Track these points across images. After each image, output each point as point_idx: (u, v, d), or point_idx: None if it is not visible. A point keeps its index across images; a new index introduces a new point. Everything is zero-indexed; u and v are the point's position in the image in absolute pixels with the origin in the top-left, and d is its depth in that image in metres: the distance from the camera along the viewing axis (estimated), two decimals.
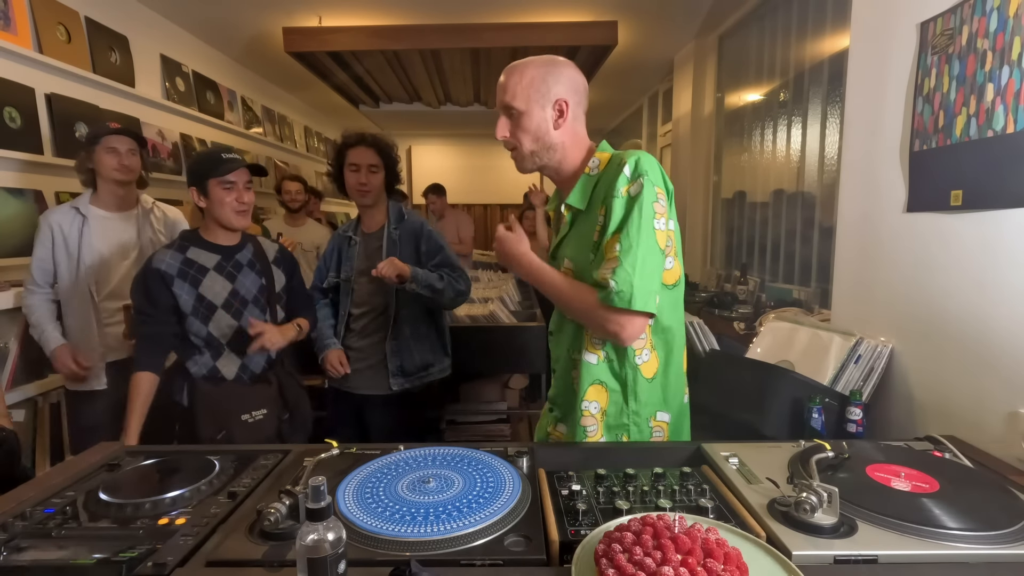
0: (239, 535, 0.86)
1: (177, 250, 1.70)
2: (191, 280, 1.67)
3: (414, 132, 8.38)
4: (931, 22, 1.44)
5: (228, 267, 1.73)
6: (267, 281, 1.78)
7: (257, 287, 1.76)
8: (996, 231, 1.27)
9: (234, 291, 1.72)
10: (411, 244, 2.06)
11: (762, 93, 3.52)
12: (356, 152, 2.01)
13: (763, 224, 3.41)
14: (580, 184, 1.20)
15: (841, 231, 1.82)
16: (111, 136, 2.03)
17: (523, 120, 1.17)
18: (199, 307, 1.67)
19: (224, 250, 1.74)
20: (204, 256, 1.71)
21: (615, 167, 1.14)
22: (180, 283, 1.66)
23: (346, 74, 4.48)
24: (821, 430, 1.47)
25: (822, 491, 0.84)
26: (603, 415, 1.21)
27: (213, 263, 1.71)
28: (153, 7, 3.50)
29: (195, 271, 1.68)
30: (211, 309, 1.69)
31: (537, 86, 1.16)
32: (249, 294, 1.74)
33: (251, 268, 1.77)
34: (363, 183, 2.00)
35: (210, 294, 1.69)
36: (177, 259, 1.68)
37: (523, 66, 1.18)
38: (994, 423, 1.26)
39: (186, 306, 1.66)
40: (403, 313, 2.04)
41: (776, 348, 1.84)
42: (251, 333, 1.66)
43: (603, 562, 0.69)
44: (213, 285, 1.69)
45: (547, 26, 3.71)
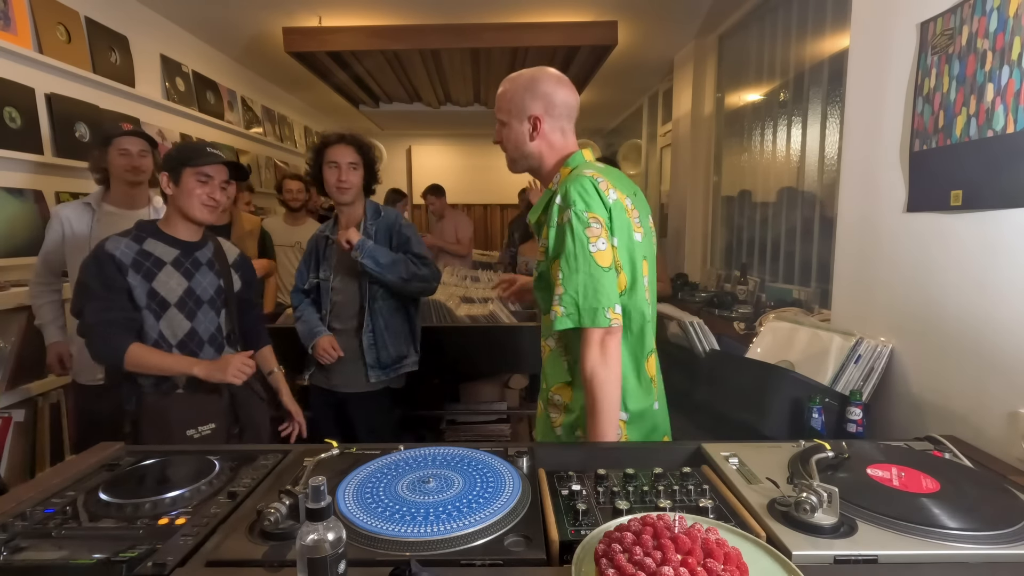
0: (239, 535, 0.86)
1: (133, 239, 1.57)
2: (145, 273, 1.55)
3: (414, 132, 8.38)
4: (931, 22, 1.44)
5: (186, 264, 1.62)
6: (225, 283, 1.69)
7: (215, 288, 1.65)
8: (996, 231, 1.27)
9: (189, 289, 1.60)
10: (386, 238, 2.11)
11: (762, 93, 3.52)
12: (335, 150, 2.03)
13: (763, 224, 3.41)
14: (541, 199, 1.30)
15: (841, 231, 1.82)
16: (123, 137, 2.07)
17: (505, 130, 1.31)
18: (151, 303, 1.55)
19: (184, 245, 1.62)
20: (161, 249, 1.59)
21: (564, 182, 1.22)
22: (133, 274, 1.53)
23: (346, 74, 4.48)
24: (821, 430, 1.47)
25: (822, 491, 0.84)
26: (564, 410, 1.31)
27: (171, 257, 1.60)
28: (153, 7, 3.50)
29: (151, 264, 1.56)
30: (163, 306, 1.57)
31: (516, 102, 1.28)
32: (205, 294, 1.63)
33: (210, 268, 1.66)
34: (343, 180, 2.02)
35: (164, 290, 1.57)
36: (132, 249, 1.55)
37: (509, 81, 1.31)
38: (994, 423, 1.26)
39: (140, 299, 1.54)
40: (376, 306, 2.08)
41: (776, 348, 1.84)
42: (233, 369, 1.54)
43: (603, 562, 0.69)
44: (168, 281, 1.57)
45: (547, 26, 3.71)
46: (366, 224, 2.11)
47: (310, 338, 2.10)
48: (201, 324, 1.62)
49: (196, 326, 1.61)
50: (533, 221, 1.31)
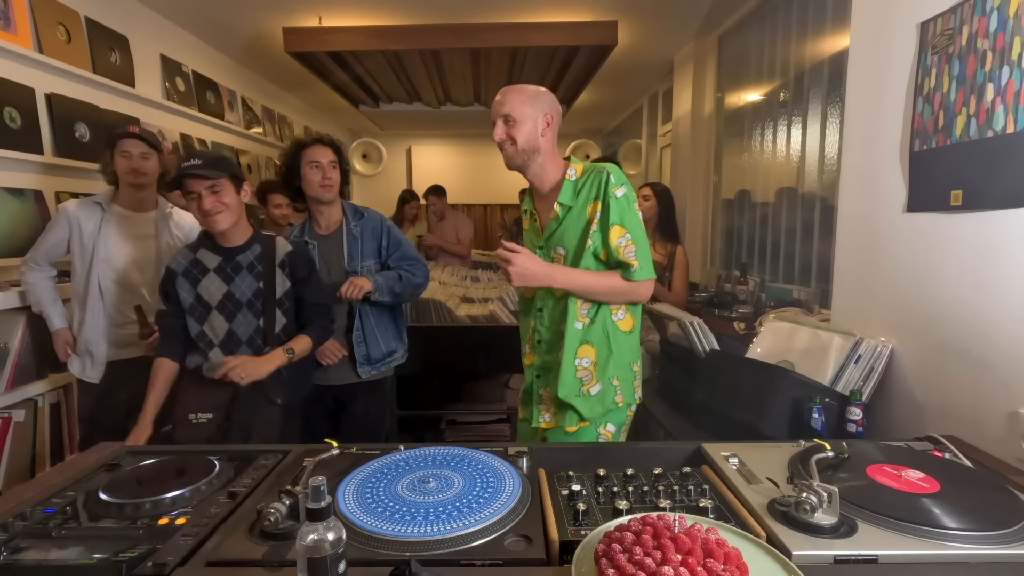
0: (239, 535, 0.86)
1: (190, 249, 1.78)
2: (192, 280, 1.74)
3: (414, 132, 8.38)
4: (931, 22, 1.44)
5: (227, 268, 1.75)
6: (265, 285, 1.76)
7: (252, 291, 1.75)
8: (996, 231, 1.27)
9: (229, 293, 1.74)
10: (372, 240, 2.13)
11: (762, 93, 3.52)
12: (315, 150, 2.05)
13: (763, 224, 3.41)
14: (567, 187, 1.51)
15: (841, 231, 1.82)
16: (125, 140, 2.07)
17: (518, 126, 1.47)
18: (196, 306, 1.74)
19: (226, 252, 1.76)
20: (208, 257, 1.76)
21: (595, 175, 1.48)
22: (182, 281, 1.74)
23: (346, 74, 4.48)
24: (821, 430, 1.47)
25: (822, 491, 0.84)
26: (594, 366, 1.50)
27: (214, 264, 1.75)
28: (153, 7, 3.50)
29: (198, 271, 1.75)
30: (207, 309, 1.74)
31: (533, 102, 1.48)
32: (244, 297, 1.75)
33: (250, 271, 1.76)
34: (327, 178, 2.04)
35: (206, 294, 1.74)
36: (187, 258, 1.76)
37: (521, 89, 1.50)
38: (994, 423, 1.26)
39: (185, 304, 1.74)
40: (364, 308, 2.11)
41: (776, 348, 1.84)
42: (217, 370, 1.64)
43: (603, 562, 0.69)
44: (209, 286, 1.74)
45: (547, 26, 3.70)
46: (349, 226, 2.12)
47: None
48: (240, 326, 1.74)
49: (235, 327, 1.74)
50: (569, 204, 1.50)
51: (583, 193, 1.50)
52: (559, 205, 1.51)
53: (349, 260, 2.10)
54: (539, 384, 1.59)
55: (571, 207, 1.51)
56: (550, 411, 1.57)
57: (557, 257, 1.54)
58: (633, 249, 1.46)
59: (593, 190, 1.48)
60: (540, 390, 1.59)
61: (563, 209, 1.51)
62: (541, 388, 1.59)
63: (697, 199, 4.40)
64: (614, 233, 1.46)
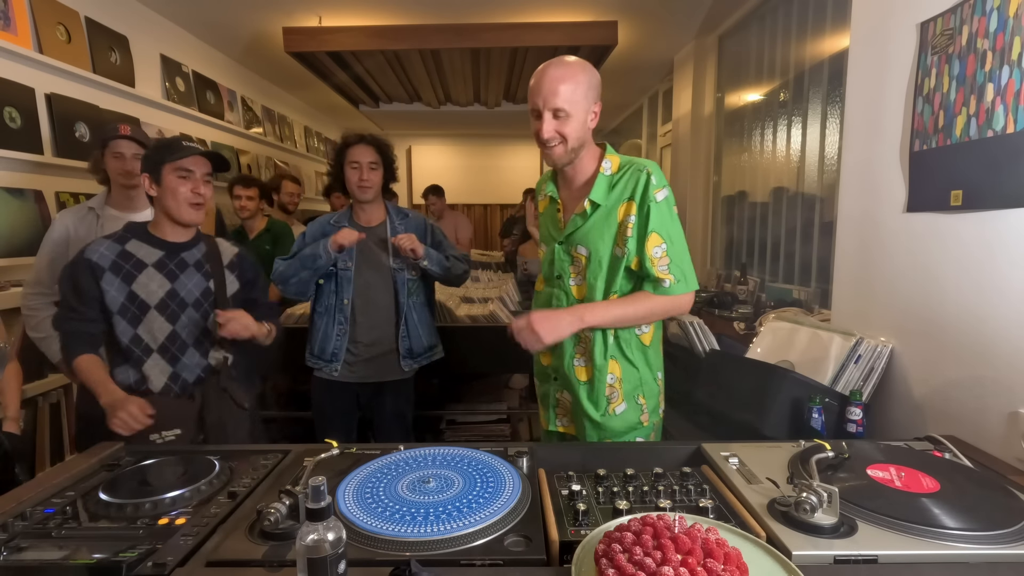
0: (239, 535, 0.86)
1: (116, 241, 1.55)
2: (124, 275, 1.52)
3: (414, 132, 8.38)
4: (931, 22, 1.44)
5: (170, 265, 1.57)
6: (215, 285, 1.62)
7: (201, 290, 1.59)
8: (996, 231, 1.27)
9: (172, 291, 1.56)
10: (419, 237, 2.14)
11: (762, 93, 3.52)
12: (356, 150, 2.07)
13: (763, 224, 3.41)
14: (601, 183, 1.38)
15: (841, 231, 1.82)
16: (117, 140, 2.05)
17: (571, 120, 1.32)
18: (129, 306, 1.52)
19: (170, 246, 1.58)
20: (145, 250, 1.55)
21: (634, 172, 1.36)
22: (111, 277, 1.51)
23: (346, 74, 4.48)
24: (821, 430, 1.46)
25: (822, 491, 0.84)
26: (620, 383, 1.41)
27: (154, 259, 1.55)
28: (153, 7, 3.50)
29: (131, 266, 1.53)
30: (143, 309, 1.53)
31: (586, 88, 1.32)
32: (190, 296, 1.58)
33: (198, 269, 1.60)
34: (364, 179, 2.07)
35: (144, 292, 1.53)
36: (113, 251, 1.53)
37: (574, 74, 1.31)
38: (994, 423, 1.26)
39: (113, 304, 1.51)
40: (410, 301, 2.16)
41: (776, 348, 1.84)
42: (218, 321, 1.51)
43: (603, 562, 0.69)
44: (149, 283, 1.54)
45: (547, 26, 3.70)
46: (394, 224, 2.17)
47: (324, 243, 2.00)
48: (185, 327, 1.57)
49: (179, 329, 1.56)
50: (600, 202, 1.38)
51: (616, 191, 1.36)
52: (589, 202, 1.37)
53: (395, 257, 2.12)
54: (555, 387, 1.51)
55: (601, 205, 1.37)
56: (568, 416, 1.50)
57: (578, 257, 1.42)
58: (667, 262, 1.34)
59: (628, 190, 1.35)
60: (557, 393, 1.51)
61: (592, 207, 1.38)
62: (558, 392, 1.51)
63: (697, 199, 4.40)
64: (651, 242, 1.33)
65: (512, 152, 8.44)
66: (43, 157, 2.54)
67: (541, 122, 1.32)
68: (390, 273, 2.13)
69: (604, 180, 1.38)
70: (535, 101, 1.32)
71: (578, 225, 1.41)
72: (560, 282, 1.46)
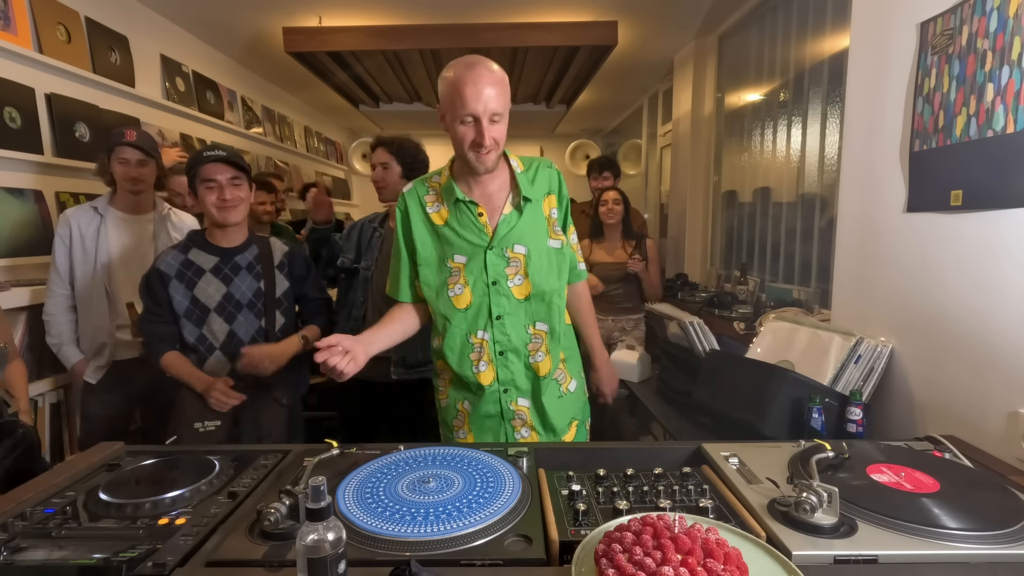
0: (239, 535, 0.86)
1: (180, 250, 1.72)
2: (187, 282, 1.69)
3: (414, 132, 8.35)
4: (931, 22, 1.44)
5: (225, 269, 1.71)
6: (266, 285, 1.74)
7: (253, 291, 1.73)
8: (996, 231, 1.27)
9: (228, 294, 1.70)
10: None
11: (762, 93, 3.52)
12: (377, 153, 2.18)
13: (763, 224, 3.41)
14: (523, 180, 1.42)
15: (841, 231, 1.82)
16: (122, 147, 2.07)
17: (503, 123, 1.34)
18: (193, 309, 1.69)
19: (224, 252, 1.72)
20: (203, 258, 1.71)
21: (544, 168, 1.46)
22: (176, 284, 1.68)
23: (346, 74, 4.48)
24: (821, 430, 1.46)
25: (822, 491, 0.84)
26: (564, 363, 1.49)
27: (211, 265, 1.71)
28: (153, 7, 3.50)
29: (192, 273, 1.69)
30: (204, 312, 1.69)
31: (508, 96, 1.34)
32: (244, 298, 1.72)
33: (249, 271, 1.74)
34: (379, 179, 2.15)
35: (203, 296, 1.69)
36: (178, 260, 1.70)
37: (502, 77, 1.32)
38: (994, 423, 1.26)
39: (180, 307, 1.68)
40: None
41: (776, 348, 1.84)
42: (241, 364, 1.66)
43: (603, 562, 0.69)
44: (207, 288, 1.69)
45: (547, 26, 3.70)
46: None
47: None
48: (241, 327, 1.71)
49: (236, 329, 1.70)
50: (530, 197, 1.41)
51: (537, 187, 1.43)
52: (523, 199, 1.39)
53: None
54: (508, 399, 1.43)
55: (532, 200, 1.41)
56: (527, 425, 1.44)
57: (515, 257, 1.39)
58: (578, 247, 1.52)
59: (546, 185, 1.44)
60: (510, 404, 1.44)
61: (525, 203, 1.40)
62: (511, 402, 1.44)
63: (697, 199, 4.40)
64: (570, 231, 1.48)
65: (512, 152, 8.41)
66: (43, 157, 2.54)
67: (479, 128, 1.28)
68: None
69: (523, 177, 1.42)
70: (472, 108, 1.26)
71: (512, 224, 1.40)
72: (498, 287, 1.39)
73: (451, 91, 1.29)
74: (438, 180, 1.45)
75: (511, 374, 1.42)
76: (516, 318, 1.41)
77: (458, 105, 1.28)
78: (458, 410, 1.49)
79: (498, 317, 1.40)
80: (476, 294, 1.40)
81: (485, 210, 1.40)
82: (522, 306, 1.41)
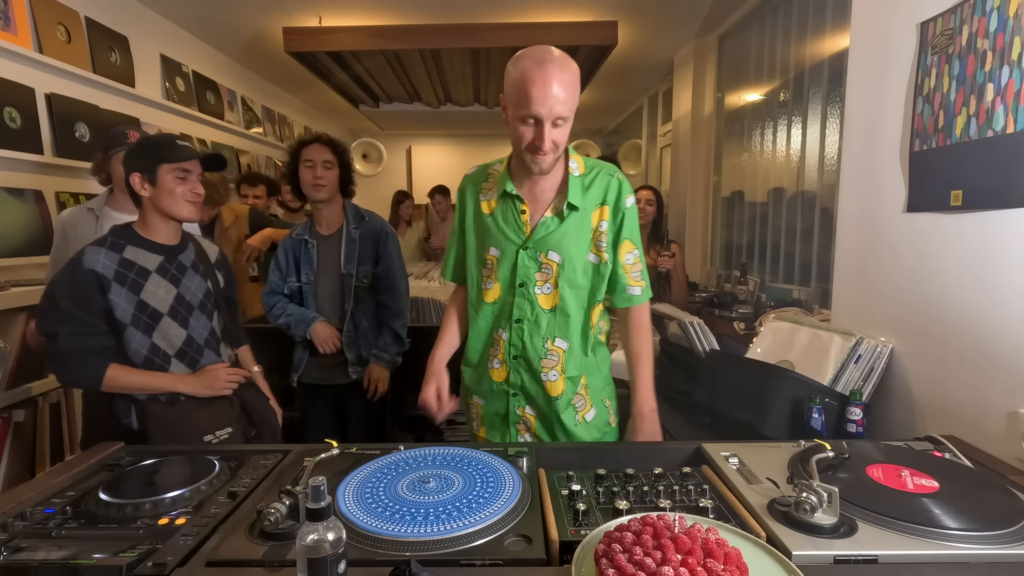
0: (239, 535, 0.86)
1: (111, 249, 1.46)
2: (131, 285, 1.45)
3: (414, 132, 8.38)
4: (931, 22, 1.44)
5: (172, 269, 1.53)
6: (212, 285, 1.63)
7: (203, 291, 1.59)
8: (996, 231, 1.27)
9: (179, 296, 1.53)
10: (371, 245, 2.16)
11: (762, 93, 3.52)
12: (311, 149, 2.09)
13: (763, 224, 3.41)
14: (575, 185, 1.32)
15: (841, 231, 1.82)
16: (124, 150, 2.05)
17: (567, 126, 1.24)
18: (140, 316, 1.46)
19: (166, 250, 1.53)
20: (144, 256, 1.49)
21: (604, 175, 1.34)
22: (118, 288, 1.43)
23: (346, 74, 4.48)
24: (821, 430, 1.46)
25: (822, 491, 0.84)
26: (587, 389, 1.39)
27: (155, 265, 1.50)
28: (153, 7, 3.50)
29: (135, 274, 1.46)
30: (155, 318, 1.48)
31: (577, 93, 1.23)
32: (195, 299, 1.57)
33: (195, 270, 1.59)
34: (319, 177, 2.07)
35: (154, 300, 1.48)
36: (113, 259, 1.44)
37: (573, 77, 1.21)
38: (994, 423, 1.26)
39: (124, 316, 1.43)
40: (356, 309, 2.15)
41: (776, 348, 1.84)
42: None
43: (603, 562, 0.69)
44: (157, 290, 1.48)
45: (547, 26, 3.70)
46: (349, 228, 2.15)
47: (305, 325, 2.10)
48: (195, 330, 1.56)
49: (191, 332, 1.54)
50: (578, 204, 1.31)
51: (591, 194, 1.32)
52: (568, 205, 1.30)
53: (346, 262, 2.12)
54: (516, 403, 1.40)
55: (578, 208, 1.31)
56: (531, 432, 1.42)
57: (548, 263, 1.33)
58: (639, 269, 1.33)
59: (601, 194, 1.32)
60: (518, 409, 1.40)
61: (570, 210, 1.31)
62: (519, 407, 1.40)
63: (697, 199, 4.40)
64: (624, 248, 1.32)
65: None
66: (43, 157, 2.54)
67: (540, 130, 1.20)
68: (340, 280, 2.13)
69: (577, 182, 1.32)
70: (536, 109, 1.18)
71: (550, 229, 1.32)
72: (524, 290, 1.35)
73: (517, 86, 1.20)
74: (497, 168, 1.41)
75: (522, 380, 1.39)
76: (535, 327, 1.35)
77: (522, 103, 1.19)
78: (470, 403, 1.51)
79: (517, 321, 1.35)
80: (503, 292, 1.37)
81: (529, 208, 1.34)
82: (545, 316, 1.34)
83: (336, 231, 2.16)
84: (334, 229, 2.16)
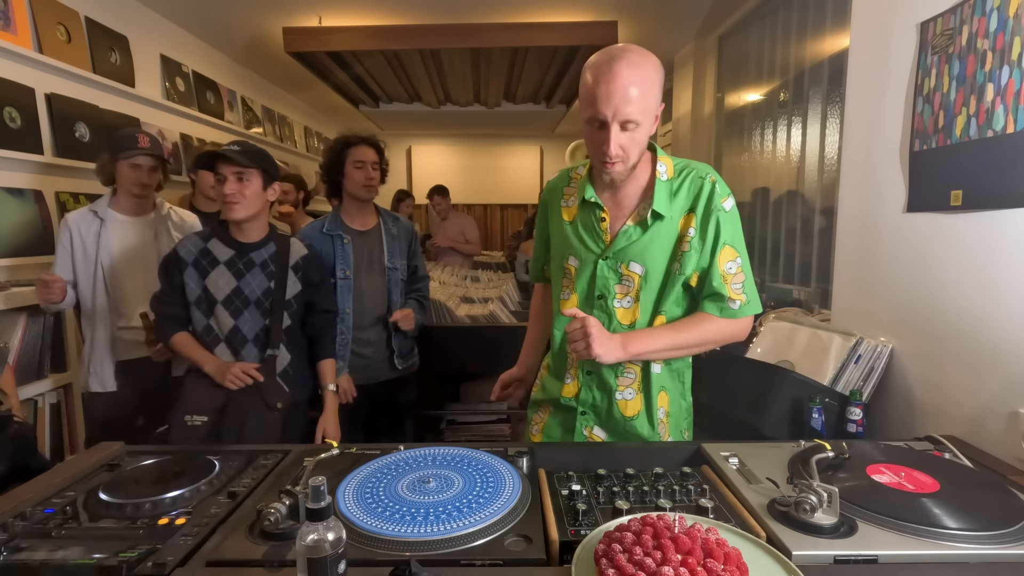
0: (239, 535, 0.86)
1: (202, 238, 1.74)
2: (201, 270, 1.71)
3: (414, 132, 8.37)
4: (931, 22, 1.44)
5: (239, 264, 1.72)
6: (276, 285, 1.74)
7: (262, 289, 1.72)
8: (996, 231, 1.27)
9: (237, 289, 1.71)
10: (405, 242, 2.26)
11: (762, 93, 3.52)
12: (362, 151, 2.13)
13: (763, 224, 3.41)
14: (661, 191, 1.19)
15: (841, 231, 1.82)
16: (136, 155, 2.06)
17: (640, 131, 1.12)
18: (203, 298, 1.71)
19: (241, 246, 1.73)
20: (220, 249, 1.73)
21: (695, 179, 1.20)
22: (191, 271, 1.70)
23: (346, 74, 4.48)
24: (821, 430, 1.46)
25: (822, 491, 0.84)
26: (668, 416, 1.29)
27: (226, 257, 1.72)
28: (153, 7, 3.50)
29: (207, 262, 1.71)
30: (212, 303, 1.71)
31: (657, 95, 1.12)
32: (252, 295, 1.72)
33: (262, 269, 1.74)
34: (371, 177, 2.13)
35: (213, 288, 1.70)
36: (197, 247, 1.72)
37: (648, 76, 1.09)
38: (994, 423, 1.26)
39: (191, 295, 1.70)
40: (396, 302, 2.22)
41: (776, 348, 1.84)
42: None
43: (603, 562, 0.69)
44: (218, 279, 1.70)
45: (547, 26, 3.70)
46: (388, 226, 2.22)
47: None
48: (246, 323, 1.71)
49: (240, 324, 1.71)
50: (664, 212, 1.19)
51: (678, 200, 1.20)
52: (652, 213, 1.19)
53: (389, 257, 2.20)
54: (584, 422, 1.30)
55: (665, 216, 1.19)
56: None
57: (629, 275, 1.22)
58: (742, 279, 1.18)
59: (690, 199, 1.19)
60: (584, 429, 1.30)
61: (654, 218, 1.19)
62: (586, 428, 1.30)
63: None
64: (724, 256, 1.18)
65: (512, 152, 8.44)
66: (43, 157, 2.54)
67: (606, 134, 1.10)
68: (384, 275, 2.18)
69: (664, 187, 1.20)
70: (600, 110, 1.08)
71: (632, 239, 1.21)
72: (603, 303, 1.25)
73: (585, 86, 1.11)
74: (580, 172, 1.32)
75: (593, 397, 1.29)
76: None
77: (587, 103, 1.11)
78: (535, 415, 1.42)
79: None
80: (580, 304, 1.27)
81: (609, 215, 1.24)
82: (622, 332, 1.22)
83: (372, 228, 2.21)
84: (369, 226, 2.20)
